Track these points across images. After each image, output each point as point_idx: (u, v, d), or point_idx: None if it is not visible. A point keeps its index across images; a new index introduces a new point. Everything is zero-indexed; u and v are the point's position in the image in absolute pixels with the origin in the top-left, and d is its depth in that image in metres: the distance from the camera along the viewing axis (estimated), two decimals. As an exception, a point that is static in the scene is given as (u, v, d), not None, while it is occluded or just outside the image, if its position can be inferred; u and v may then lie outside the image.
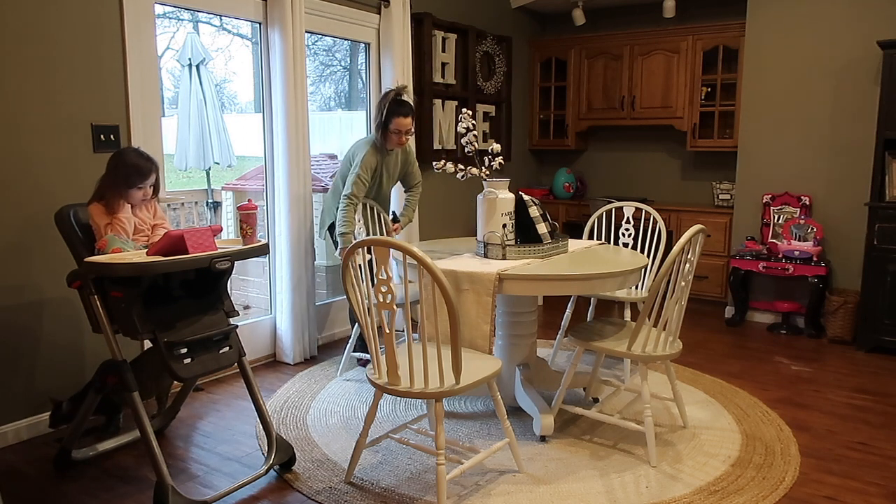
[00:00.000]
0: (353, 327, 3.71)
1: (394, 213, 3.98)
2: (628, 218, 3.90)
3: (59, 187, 2.96)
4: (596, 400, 3.34)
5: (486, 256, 2.97)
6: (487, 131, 5.66)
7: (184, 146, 5.08)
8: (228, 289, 2.71)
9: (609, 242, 3.76)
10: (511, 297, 3.10)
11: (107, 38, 3.09)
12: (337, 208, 3.56)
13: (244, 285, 5.28)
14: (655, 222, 3.81)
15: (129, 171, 2.58)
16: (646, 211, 3.89)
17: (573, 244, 3.39)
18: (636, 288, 3.72)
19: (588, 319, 3.99)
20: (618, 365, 3.98)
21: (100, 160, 3.06)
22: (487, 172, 3.05)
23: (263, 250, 2.64)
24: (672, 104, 5.54)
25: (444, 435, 2.34)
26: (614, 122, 5.92)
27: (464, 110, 3.07)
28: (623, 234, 3.88)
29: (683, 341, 2.98)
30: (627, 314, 3.61)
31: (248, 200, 2.71)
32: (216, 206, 5.83)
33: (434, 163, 3.13)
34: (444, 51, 5.09)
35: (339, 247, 3.52)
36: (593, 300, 3.86)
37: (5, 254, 2.84)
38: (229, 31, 7.50)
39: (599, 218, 3.95)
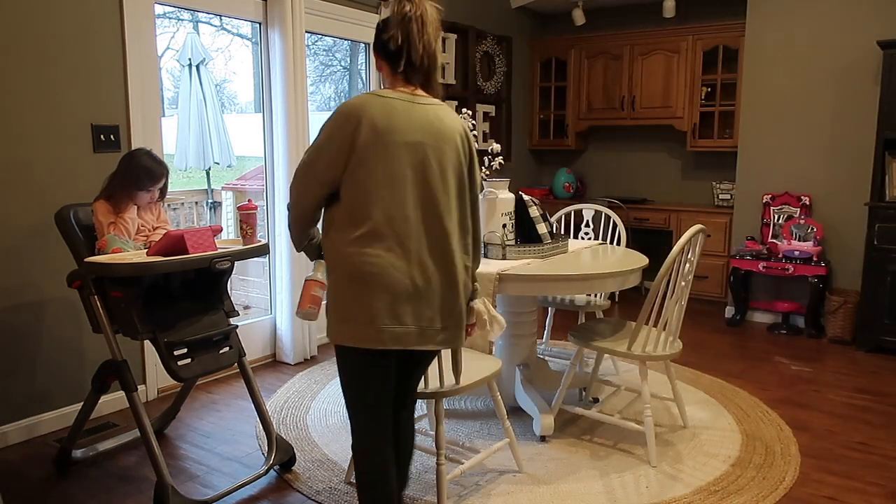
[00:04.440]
0: None
1: None
2: (588, 221, 3.92)
3: (59, 187, 2.96)
4: (596, 400, 3.34)
5: (486, 256, 2.97)
6: (487, 131, 5.66)
7: (184, 146, 5.08)
8: (228, 289, 2.71)
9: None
10: (511, 297, 3.10)
11: (107, 38, 3.09)
12: None
13: (244, 285, 5.28)
14: (615, 225, 3.81)
15: (141, 173, 2.58)
16: (605, 214, 3.89)
17: (573, 244, 3.39)
18: (596, 296, 3.70)
19: (546, 330, 3.99)
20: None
21: (100, 160, 3.07)
22: (487, 172, 3.05)
23: (263, 250, 2.64)
24: (672, 104, 5.54)
25: (444, 435, 2.34)
26: (614, 122, 5.92)
27: (464, 110, 3.07)
28: (583, 238, 3.88)
29: (683, 341, 2.98)
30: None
31: (248, 200, 2.71)
32: (216, 206, 5.83)
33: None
34: (444, 51, 5.09)
35: None
36: (551, 310, 3.85)
37: (5, 254, 2.84)
38: (229, 31, 7.50)
39: (559, 220, 3.93)
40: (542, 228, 3.07)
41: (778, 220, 4.84)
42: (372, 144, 1.73)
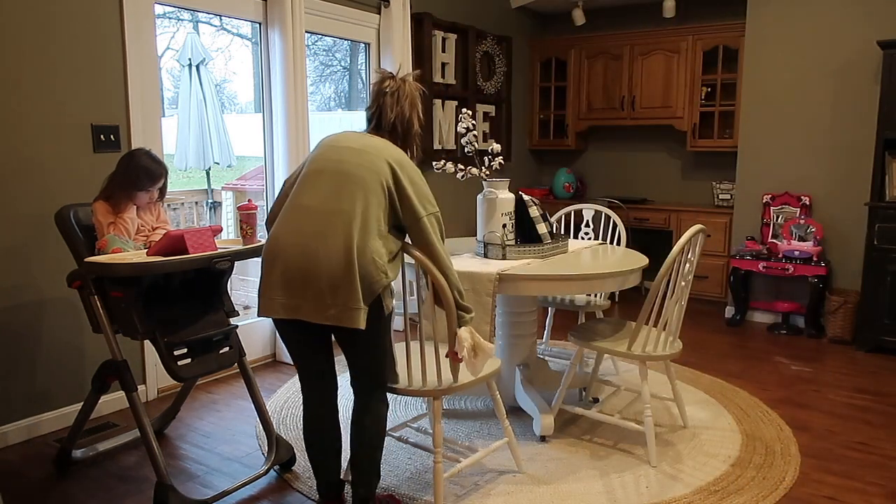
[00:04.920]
0: None
1: None
2: (588, 221, 3.93)
3: (59, 187, 2.96)
4: (596, 400, 3.34)
5: (486, 256, 2.97)
6: (487, 131, 5.66)
7: (184, 146, 5.08)
8: (228, 289, 2.71)
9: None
10: (511, 297, 3.10)
11: (107, 38, 3.09)
12: None
13: (244, 285, 5.28)
14: (615, 225, 3.80)
15: (140, 172, 2.57)
16: (605, 214, 3.89)
17: (573, 244, 3.39)
18: (596, 296, 3.69)
19: (546, 330, 3.99)
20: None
21: (100, 160, 3.07)
22: (487, 172, 3.05)
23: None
24: (672, 104, 5.54)
25: (441, 432, 2.35)
26: (614, 122, 5.92)
27: (464, 110, 3.07)
28: (583, 238, 3.88)
29: (683, 341, 2.98)
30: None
31: (248, 200, 2.72)
32: (216, 206, 5.83)
33: (434, 163, 3.12)
34: (444, 51, 5.09)
35: None
36: (551, 310, 3.85)
37: (6, 254, 2.84)
38: (229, 31, 7.50)
39: (559, 219, 3.92)
40: (542, 228, 3.07)
41: (778, 220, 4.84)
42: (311, 155, 2.19)
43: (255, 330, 3.99)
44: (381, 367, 2.21)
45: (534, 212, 3.09)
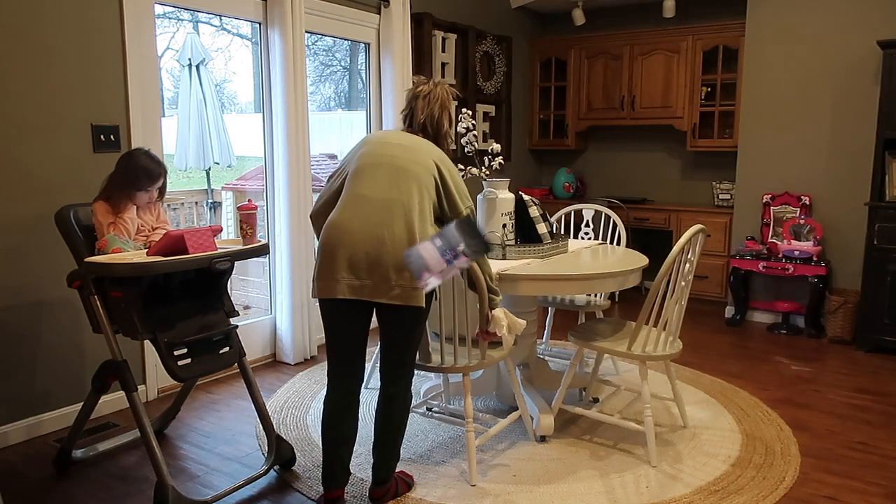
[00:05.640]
0: None
1: None
2: (588, 221, 3.93)
3: (59, 187, 2.96)
4: (596, 400, 3.34)
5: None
6: (487, 131, 5.66)
7: (184, 146, 5.08)
8: (228, 289, 2.71)
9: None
10: (511, 297, 3.10)
11: (106, 38, 3.09)
12: None
13: (244, 285, 5.28)
14: (615, 225, 3.80)
15: (139, 172, 2.58)
16: (605, 214, 3.89)
17: (573, 244, 3.40)
18: (596, 296, 3.69)
19: (546, 330, 4.00)
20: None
21: (100, 160, 3.07)
22: (487, 172, 3.05)
23: (263, 250, 2.65)
24: (672, 104, 5.54)
25: (471, 405, 2.57)
26: (614, 122, 5.92)
27: (464, 110, 3.07)
28: (583, 238, 3.89)
29: (683, 341, 2.98)
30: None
31: (248, 200, 2.72)
32: (216, 206, 5.82)
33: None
34: (444, 51, 5.09)
35: None
36: (551, 310, 3.86)
37: (5, 254, 2.84)
38: (229, 31, 7.49)
39: (558, 219, 3.93)
40: (542, 228, 3.07)
41: (778, 220, 4.84)
42: (360, 151, 2.31)
43: (255, 330, 3.99)
44: (415, 354, 2.35)
45: (534, 212, 3.09)
